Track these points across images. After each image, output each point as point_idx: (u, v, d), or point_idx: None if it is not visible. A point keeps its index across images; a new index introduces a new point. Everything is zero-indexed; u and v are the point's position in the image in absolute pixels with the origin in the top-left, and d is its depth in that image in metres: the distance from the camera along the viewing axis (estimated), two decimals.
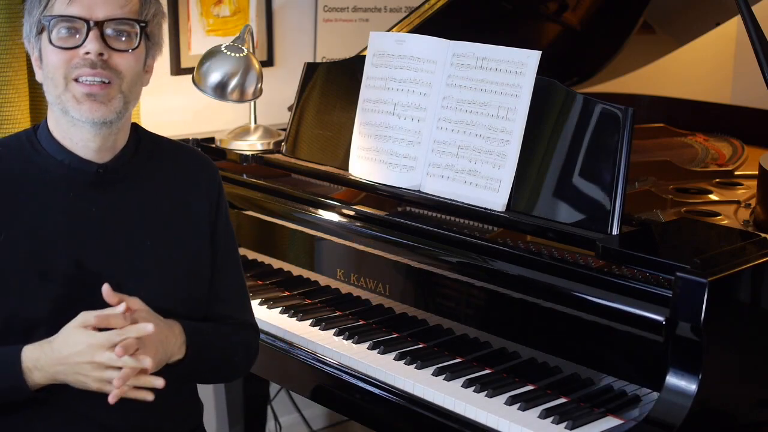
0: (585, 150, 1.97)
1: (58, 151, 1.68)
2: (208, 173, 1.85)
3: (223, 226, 1.85)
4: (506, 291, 1.95)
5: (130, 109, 1.69)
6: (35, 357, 1.56)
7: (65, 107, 1.63)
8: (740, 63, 4.40)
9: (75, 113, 1.63)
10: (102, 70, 1.61)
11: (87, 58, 1.60)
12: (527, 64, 2.05)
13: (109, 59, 1.62)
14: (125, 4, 1.63)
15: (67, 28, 1.61)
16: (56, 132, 1.69)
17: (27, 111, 2.50)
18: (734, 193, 2.48)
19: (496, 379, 1.94)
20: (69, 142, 1.67)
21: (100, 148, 1.68)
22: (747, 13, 2.07)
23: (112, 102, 1.63)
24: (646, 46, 3.28)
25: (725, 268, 1.72)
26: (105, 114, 1.63)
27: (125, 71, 1.64)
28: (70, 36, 1.62)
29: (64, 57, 1.61)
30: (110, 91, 1.63)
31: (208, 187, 1.83)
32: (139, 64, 1.68)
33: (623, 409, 1.79)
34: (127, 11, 1.63)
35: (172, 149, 1.84)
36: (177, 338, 1.67)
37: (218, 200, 1.84)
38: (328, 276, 2.33)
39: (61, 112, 1.65)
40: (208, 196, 1.82)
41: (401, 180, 2.22)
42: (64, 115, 1.65)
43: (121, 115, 1.66)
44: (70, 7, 1.60)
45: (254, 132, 2.72)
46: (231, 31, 3.03)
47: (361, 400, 2.03)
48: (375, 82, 2.29)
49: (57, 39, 1.62)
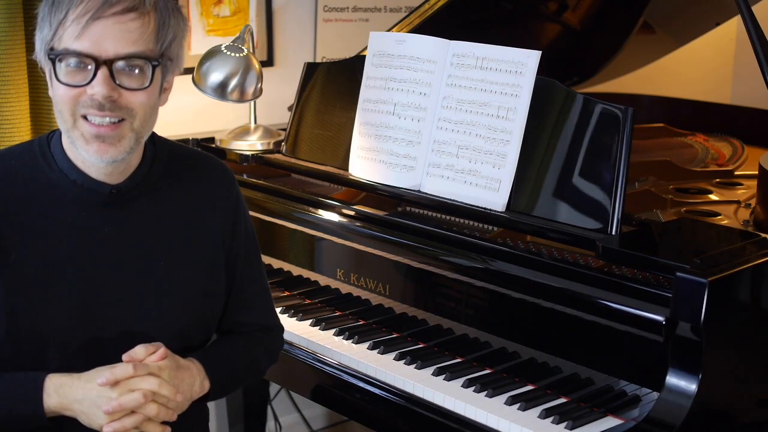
0: (585, 150, 1.97)
1: (71, 169, 1.62)
2: (225, 183, 1.79)
3: (242, 234, 1.80)
4: (506, 291, 1.95)
5: (143, 141, 1.62)
6: (59, 383, 1.56)
7: (74, 142, 1.56)
8: (740, 63, 4.40)
9: (84, 152, 1.56)
10: (111, 111, 1.53)
11: (95, 99, 1.52)
12: (527, 64, 2.05)
13: (120, 98, 1.53)
14: (138, 38, 1.52)
15: (75, 62, 1.51)
16: (70, 152, 1.62)
17: (27, 111, 2.50)
18: (734, 193, 2.48)
19: (496, 379, 1.94)
20: (81, 164, 1.61)
21: (112, 174, 1.63)
22: (747, 13, 2.07)
23: (123, 141, 1.55)
24: (646, 46, 3.28)
25: (725, 268, 1.72)
26: (114, 155, 1.56)
27: (137, 109, 1.55)
28: (77, 71, 1.52)
29: (72, 94, 1.53)
30: (121, 130, 1.55)
31: (225, 196, 1.77)
32: (153, 98, 1.58)
33: (623, 409, 1.79)
34: (140, 46, 1.53)
35: (188, 159, 1.78)
36: (196, 377, 1.66)
37: (236, 209, 1.79)
38: (328, 276, 2.33)
39: (71, 144, 1.58)
40: (224, 207, 1.76)
41: (401, 180, 2.22)
42: (74, 149, 1.58)
43: (133, 150, 1.59)
44: (78, 41, 1.50)
45: (254, 132, 2.71)
46: (231, 31, 3.03)
47: (361, 400, 2.03)
48: (375, 82, 2.29)
49: (64, 75, 1.53)
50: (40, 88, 2.54)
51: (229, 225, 1.77)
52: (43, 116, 2.56)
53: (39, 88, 2.54)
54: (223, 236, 1.76)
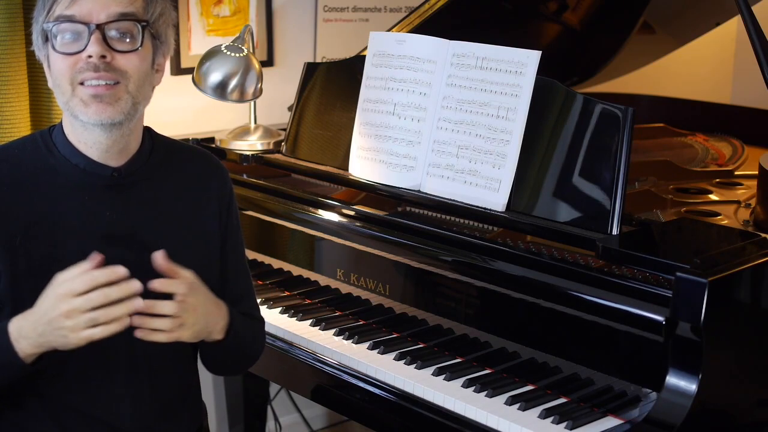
0: (585, 150, 1.97)
1: (72, 154, 1.68)
2: (220, 176, 1.85)
3: (234, 228, 1.86)
4: (506, 291, 1.95)
5: (140, 110, 1.68)
6: (19, 326, 1.54)
7: (74, 112, 1.63)
8: (740, 63, 4.40)
9: (83, 116, 1.62)
10: (105, 72, 1.60)
11: (90, 62, 1.59)
12: (527, 64, 2.05)
13: (113, 61, 1.61)
14: (128, 4, 1.62)
15: (70, 33, 1.60)
16: (71, 136, 1.68)
17: (27, 111, 2.50)
18: (734, 193, 2.48)
19: (496, 379, 1.94)
20: (83, 145, 1.67)
21: (112, 149, 1.67)
22: (747, 13, 2.07)
23: (119, 102, 1.62)
24: (646, 46, 3.28)
25: (725, 268, 1.72)
26: (113, 114, 1.62)
27: (131, 71, 1.63)
28: (73, 41, 1.61)
29: (69, 62, 1.60)
30: (117, 91, 1.62)
31: (220, 190, 1.83)
32: (146, 64, 1.66)
33: (623, 409, 1.79)
34: (129, 12, 1.62)
35: (185, 152, 1.84)
36: (222, 320, 1.70)
37: (229, 203, 1.85)
38: (328, 276, 2.33)
39: (72, 116, 1.64)
40: (219, 199, 1.82)
41: (401, 180, 2.22)
42: (75, 120, 1.64)
43: (131, 116, 1.65)
44: (69, 9, 1.60)
45: (254, 132, 2.72)
46: (231, 31, 3.03)
47: (361, 400, 2.03)
48: (375, 82, 2.29)
49: (60, 45, 1.61)
50: (40, 87, 2.54)
51: (224, 218, 1.83)
52: (43, 116, 2.56)
53: (39, 88, 2.54)
54: (219, 228, 1.82)
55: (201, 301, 1.62)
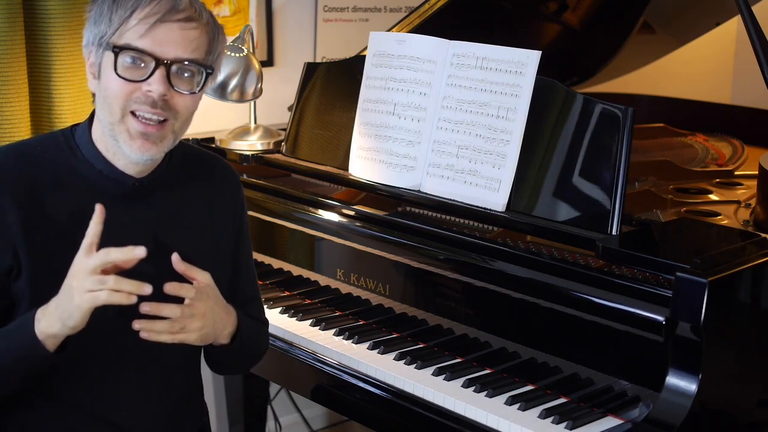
0: (585, 150, 1.97)
1: (96, 158, 1.67)
2: (234, 184, 1.86)
3: (245, 234, 1.88)
4: (506, 291, 1.95)
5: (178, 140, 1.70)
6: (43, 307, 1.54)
7: (117, 137, 1.62)
8: (740, 63, 4.41)
9: (126, 149, 1.62)
10: (161, 110, 1.60)
11: (149, 96, 1.59)
12: (527, 64, 2.05)
13: (170, 99, 1.61)
14: (196, 47, 1.61)
15: (133, 57, 1.59)
16: (99, 143, 1.67)
17: (27, 111, 2.50)
18: (734, 193, 2.48)
19: (496, 379, 1.94)
20: (110, 155, 1.67)
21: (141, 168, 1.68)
22: (747, 13, 2.07)
23: (164, 141, 1.63)
24: (646, 46, 3.28)
25: (725, 268, 1.72)
26: (154, 153, 1.63)
27: (182, 112, 1.63)
28: (135, 67, 1.59)
29: (126, 89, 1.59)
30: (165, 131, 1.62)
31: (233, 198, 1.85)
32: (196, 105, 1.67)
33: (623, 409, 1.79)
34: (198, 54, 1.62)
35: (199, 158, 1.85)
36: (230, 326, 1.71)
37: (242, 211, 1.87)
38: (328, 276, 2.33)
39: (112, 137, 1.63)
40: (233, 206, 1.84)
41: (401, 180, 2.22)
42: (114, 141, 1.63)
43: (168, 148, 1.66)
44: (141, 40, 1.57)
45: (254, 132, 2.72)
46: (231, 31, 3.03)
47: (361, 400, 2.03)
48: (375, 82, 2.29)
49: (122, 69, 1.59)
50: (40, 87, 2.54)
51: (236, 225, 1.85)
52: (43, 116, 2.56)
53: (39, 88, 2.54)
54: (231, 235, 1.83)
55: (210, 306, 1.62)
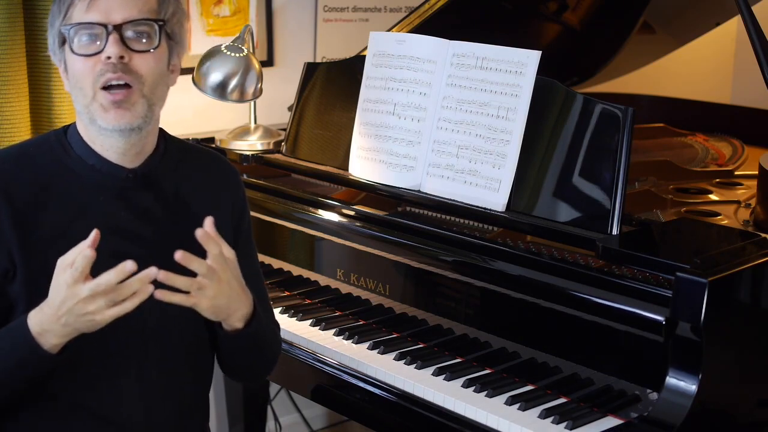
0: (585, 150, 1.97)
1: (88, 155, 1.69)
2: (233, 179, 1.86)
3: (246, 232, 1.87)
4: (506, 291, 1.95)
5: (156, 111, 1.70)
6: (38, 321, 1.53)
7: (93, 116, 1.64)
8: (740, 63, 4.40)
9: (102, 122, 1.63)
10: (123, 72, 1.61)
11: (109, 63, 1.60)
12: (527, 64, 2.05)
13: (130, 62, 1.62)
14: (143, 5, 1.63)
15: (87, 35, 1.61)
16: (86, 136, 1.70)
17: (27, 111, 2.50)
18: (734, 193, 2.48)
19: (496, 379, 1.94)
20: (99, 147, 1.68)
21: (128, 153, 1.68)
22: (747, 13, 2.07)
23: (136, 107, 1.63)
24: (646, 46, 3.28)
25: (725, 268, 1.72)
26: (130, 120, 1.63)
27: (146, 74, 1.64)
28: (91, 43, 1.61)
29: (88, 64, 1.61)
30: (132, 96, 1.63)
31: (232, 193, 1.84)
32: (161, 65, 1.67)
33: (623, 409, 1.79)
34: (144, 12, 1.63)
35: (198, 154, 1.85)
36: (245, 307, 1.69)
37: (242, 208, 1.86)
38: (328, 276, 2.33)
39: (89, 121, 1.65)
40: (231, 201, 1.83)
41: (401, 180, 2.22)
42: (92, 124, 1.65)
43: (148, 119, 1.66)
44: (87, 13, 1.60)
45: (254, 132, 2.72)
46: (231, 31, 3.03)
47: (361, 400, 2.03)
48: (375, 82, 2.29)
49: (79, 47, 1.62)
50: (40, 88, 2.54)
51: (235, 221, 1.83)
52: (43, 116, 2.56)
53: (39, 88, 2.54)
54: (230, 230, 1.81)
55: (228, 278, 1.61)
